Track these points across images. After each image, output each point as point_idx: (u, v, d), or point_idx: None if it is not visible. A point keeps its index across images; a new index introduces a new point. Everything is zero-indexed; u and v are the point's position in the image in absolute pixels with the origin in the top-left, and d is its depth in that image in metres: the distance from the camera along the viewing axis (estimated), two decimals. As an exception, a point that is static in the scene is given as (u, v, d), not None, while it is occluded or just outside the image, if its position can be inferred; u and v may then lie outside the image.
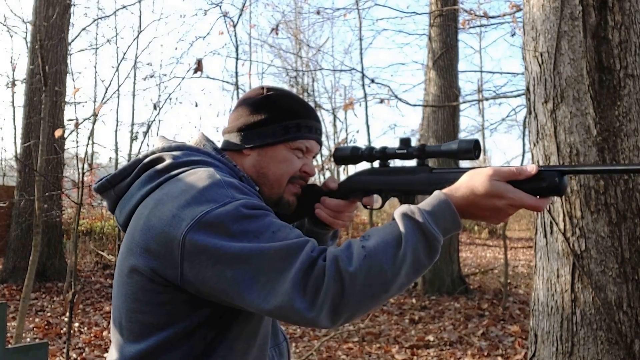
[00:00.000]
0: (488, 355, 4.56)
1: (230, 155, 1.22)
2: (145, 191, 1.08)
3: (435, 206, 0.97)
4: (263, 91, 1.23)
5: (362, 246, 0.94)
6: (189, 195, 1.00)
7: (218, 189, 1.01)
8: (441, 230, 0.96)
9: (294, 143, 1.19)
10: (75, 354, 4.59)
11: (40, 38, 4.27)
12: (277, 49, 14.90)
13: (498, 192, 0.95)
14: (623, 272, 2.05)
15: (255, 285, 0.93)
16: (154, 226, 1.01)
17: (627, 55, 2.13)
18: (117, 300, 1.09)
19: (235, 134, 1.21)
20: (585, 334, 2.10)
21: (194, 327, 1.03)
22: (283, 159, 1.19)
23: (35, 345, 1.95)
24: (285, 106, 1.20)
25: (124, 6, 7.71)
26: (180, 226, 0.97)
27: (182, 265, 0.97)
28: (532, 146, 2.39)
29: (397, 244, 0.94)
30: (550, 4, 2.28)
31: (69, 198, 4.95)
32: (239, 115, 1.22)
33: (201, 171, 1.07)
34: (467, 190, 0.97)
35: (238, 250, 0.94)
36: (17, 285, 7.52)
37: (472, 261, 11.59)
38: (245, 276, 0.94)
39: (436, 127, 7.80)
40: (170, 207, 1.00)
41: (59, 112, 8.08)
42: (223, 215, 0.97)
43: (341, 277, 0.91)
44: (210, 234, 0.95)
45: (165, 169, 1.10)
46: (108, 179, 1.15)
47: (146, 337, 1.04)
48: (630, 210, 2.07)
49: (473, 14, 7.95)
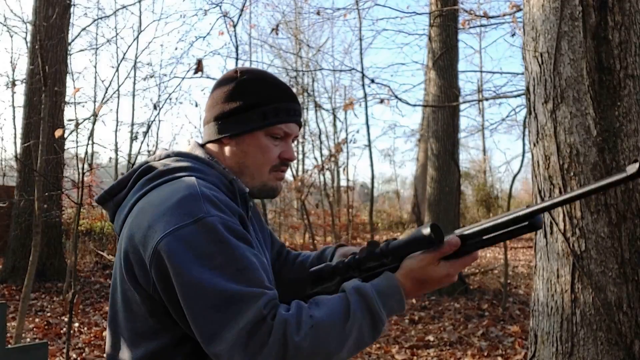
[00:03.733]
0: (488, 355, 4.56)
1: (212, 146, 1.20)
2: (135, 199, 1.10)
3: (387, 290, 1.02)
4: (237, 75, 1.19)
5: (310, 315, 0.96)
6: (166, 206, 1.00)
7: (194, 202, 1.00)
8: (387, 312, 1.01)
9: (272, 129, 1.16)
10: (75, 354, 4.59)
11: (40, 38, 4.27)
12: (277, 49, 14.91)
13: (439, 274, 1.04)
14: (623, 273, 2.05)
15: (202, 320, 0.94)
16: (134, 235, 1.02)
17: (627, 55, 2.13)
18: (113, 306, 1.10)
19: (212, 123, 1.18)
20: (585, 334, 2.10)
21: (184, 337, 1.02)
22: (262, 147, 1.16)
23: (35, 345, 1.95)
24: (260, 91, 1.16)
25: (124, 6, 7.71)
26: (153, 237, 0.98)
27: (152, 274, 0.99)
28: (532, 146, 2.39)
29: (345, 318, 0.97)
30: (550, 4, 2.28)
31: (69, 198, 4.95)
32: (215, 102, 1.19)
33: (182, 181, 1.06)
34: (414, 278, 1.04)
35: (197, 279, 0.94)
36: (16, 285, 7.51)
37: (472, 261, 11.57)
38: (196, 308, 0.94)
39: (436, 127, 7.80)
40: (148, 216, 1.01)
41: (59, 112, 8.07)
42: (194, 233, 0.96)
43: (286, 342, 0.92)
44: (178, 250, 0.95)
45: (154, 177, 1.11)
46: (107, 191, 1.17)
47: (138, 345, 1.05)
48: (630, 211, 2.07)
49: (473, 14, 7.95)
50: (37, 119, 7.37)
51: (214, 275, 0.94)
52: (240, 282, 0.95)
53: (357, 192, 24.19)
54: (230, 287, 0.94)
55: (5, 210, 8.76)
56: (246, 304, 0.93)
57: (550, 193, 2.26)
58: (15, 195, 8.36)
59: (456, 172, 7.83)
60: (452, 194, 7.73)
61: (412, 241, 1.06)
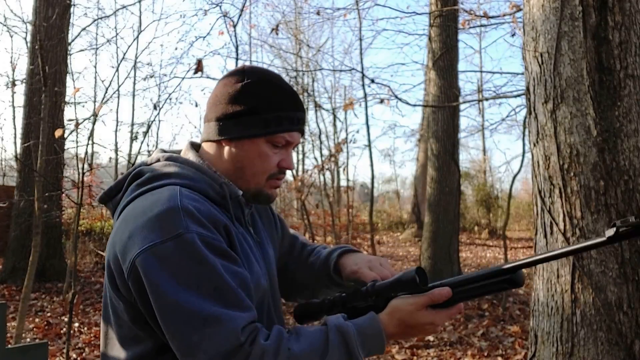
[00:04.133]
0: (488, 355, 4.56)
1: (210, 146, 1.18)
2: (124, 205, 1.09)
3: (368, 330, 1.03)
4: (243, 76, 1.15)
5: (288, 348, 0.96)
6: (145, 219, 0.99)
7: (173, 217, 0.98)
8: (365, 353, 1.02)
9: (273, 137, 1.13)
10: (75, 354, 4.59)
11: (40, 38, 4.27)
12: (277, 49, 14.90)
13: (425, 321, 1.05)
14: (623, 273, 2.05)
15: (179, 338, 0.94)
16: (116, 243, 1.03)
17: (627, 55, 2.13)
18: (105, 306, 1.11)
19: (213, 123, 1.15)
20: (586, 334, 2.10)
21: (166, 344, 1.01)
22: (261, 155, 1.13)
23: (35, 345, 1.95)
24: (265, 97, 1.12)
25: (124, 6, 7.71)
26: (131, 250, 0.98)
27: (130, 285, 0.99)
28: (532, 146, 2.39)
29: (322, 354, 0.98)
30: (550, 4, 2.27)
31: (69, 198, 4.95)
32: (217, 101, 1.15)
33: (165, 191, 1.04)
34: (399, 321, 1.05)
35: (172, 298, 0.94)
36: (16, 285, 7.51)
37: (472, 261, 11.58)
38: (172, 326, 0.95)
39: (436, 127, 7.80)
40: (129, 226, 1.01)
41: (59, 112, 8.07)
42: (171, 250, 0.96)
43: None
44: (154, 267, 0.95)
45: (142, 182, 1.10)
46: (106, 192, 1.18)
47: (126, 348, 1.05)
48: (630, 211, 2.07)
49: (473, 14, 7.95)
50: (37, 119, 7.37)
51: (190, 295, 0.93)
52: (217, 303, 0.94)
53: (357, 192, 24.18)
54: (207, 307, 0.93)
55: (5, 211, 8.76)
56: (223, 326, 0.93)
57: (550, 193, 2.26)
58: (15, 195, 8.36)
59: (456, 172, 7.84)
60: (452, 194, 7.73)
61: (398, 283, 1.07)
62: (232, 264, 1.01)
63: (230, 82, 1.16)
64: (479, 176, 20.91)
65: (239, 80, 1.14)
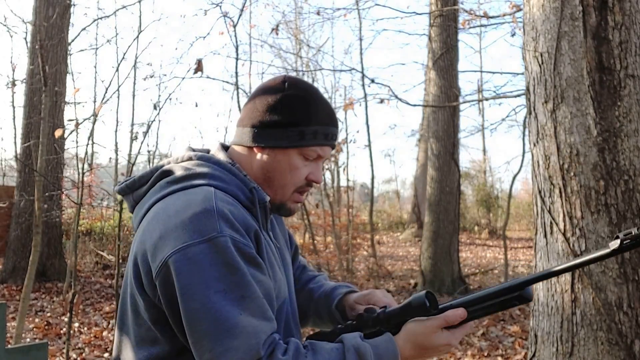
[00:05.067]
0: (488, 355, 4.56)
1: (240, 150, 1.18)
2: (153, 201, 1.09)
3: (385, 352, 1.03)
4: (284, 86, 1.15)
5: None
6: (179, 220, 0.99)
7: (207, 219, 0.98)
8: None
9: (306, 150, 1.13)
10: (75, 354, 4.59)
11: (40, 38, 4.27)
12: (277, 49, 14.88)
13: (440, 342, 1.05)
14: (623, 273, 2.05)
15: (200, 344, 0.94)
16: (145, 241, 1.02)
17: (627, 55, 2.13)
18: (123, 305, 1.10)
19: (248, 129, 1.15)
20: (586, 334, 2.10)
21: (184, 348, 1.01)
22: (292, 166, 1.14)
23: (35, 345, 1.95)
24: (303, 110, 1.13)
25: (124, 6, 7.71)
26: (163, 250, 0.97)
27: (157, 286, 0.99)
28: (532, 146, 2.39)
29: None
30: (550, 4, 2.27)
31: (69, 198, 4.95)
32: (255, 108, 1.15)
33: (200, 192, 1.04)
34: (414, 344, 1.05)
35: (200, 303, 0.94)
36: (17, 285, 7.52)
37: (472, 261, 11.58)
38: (196, 331, 0.95)
39: (436, 127, 7.80)
40: (161, 225, 1.01)
41: (59, 112, 8.08)
42: (204, 252, 0.95)
43: None
44: (185, 269, 0.95)
45: (173, 181, 1.10)
46: (128, 184, 1.16)
47: (141, 348, 1.05)
48: (630, 211, 2.07)
49: (473, 14, 7.96)
50: (37, 119, 7.38)
51: (218, 300, 0.94)
52: (243, 311, 0.95)
53: (357, 192, 24.19)
54: (233, 316, 0.94)
55: (5, 210, 8.76)
56: (246, 337, 0.93)
57: (550, 193, 2.26)
58: (15, 195, 8.36)
59: (456, 172, 7.84)
60: (452, 194, 7.73)
61: (408, 308, 1.08)
62: (259, 272, 1.01)
63: (271, 91, 1.16)
64: (479, 176, 20.91)
65: (280, 90, 1.15)
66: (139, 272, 1.02)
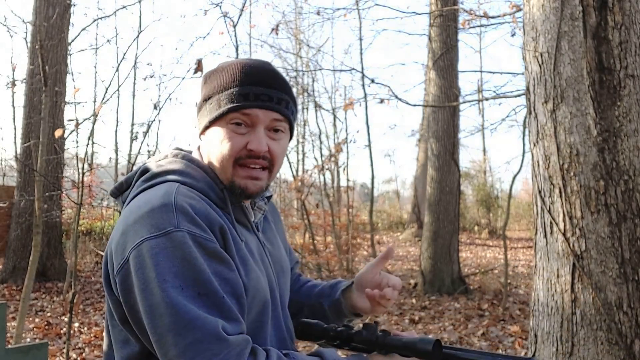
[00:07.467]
0: (488, 355, 4.55)
1: (200, 147, 1.16)
2: (129, 200, 1.08)
3: None
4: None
5: None
6: (139, 215, 0.97)
7: (164, 213, 0.95)
8: None
9: (228, 116, 1.05)
10: (75, 354, 4.59)
11: (40, 38, 4.27)
12: (277, 49, 14.89)
13: None
14: (623, 273, 2.05)
15: (161, 341, 0.91)
16: (113, 239, 1.01)
17: (627, 55, 2.13)
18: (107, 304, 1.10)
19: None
20: (586, 334, 2.10)
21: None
22: (221, 139, 1.06)
23: (35, 345, 1.95)
24: (218, 79, 1.08)
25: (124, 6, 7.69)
26: (124, 246, 0.96)
27: (117, 281, 0.96)
28: (532, 146, 2.39)
29: None
30: (550, 4, 2.27)
31: (69, 198, 4.95)
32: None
33: (162, 187, 1.02)
34: None
35: (158, 298, 0.90)
36: (17, 285, 7.52)
37: (472, 261, 11.58)
38: (156, 328, 0.91)
39: (436, 127, 7.80)
40: (123, 223, 0.99)
41: (59, 112, 8.09)
42: (160, 247, 0.92)
43: None
44: (143, 263, 0.92)
45: (146, 178, 1.08)
46: (116, 186, 1.17)
47: (119, 348, 1.04)
48: (630, 211, 2.07)
49: (473, 14, 7.95)
50: (37, 119, 7.38)
51: (175, 295, 0.90)
52: (199, 308, 0.90)
53: (357, 192, 24.18)
54: (191, 310, 0.90)
55: (5, 210, 8.76)
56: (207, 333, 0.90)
57: (550, 193, 2.26)
58: (15, 195, 8.36)
59: (456, 172, 7.84)
60: (452, 194, 7.73)
61: (411, 347, 1.06)
62: (225, 268, 0.97)
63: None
64: (479, 176, 20.91)
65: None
66: (108, 272, 1.01)
